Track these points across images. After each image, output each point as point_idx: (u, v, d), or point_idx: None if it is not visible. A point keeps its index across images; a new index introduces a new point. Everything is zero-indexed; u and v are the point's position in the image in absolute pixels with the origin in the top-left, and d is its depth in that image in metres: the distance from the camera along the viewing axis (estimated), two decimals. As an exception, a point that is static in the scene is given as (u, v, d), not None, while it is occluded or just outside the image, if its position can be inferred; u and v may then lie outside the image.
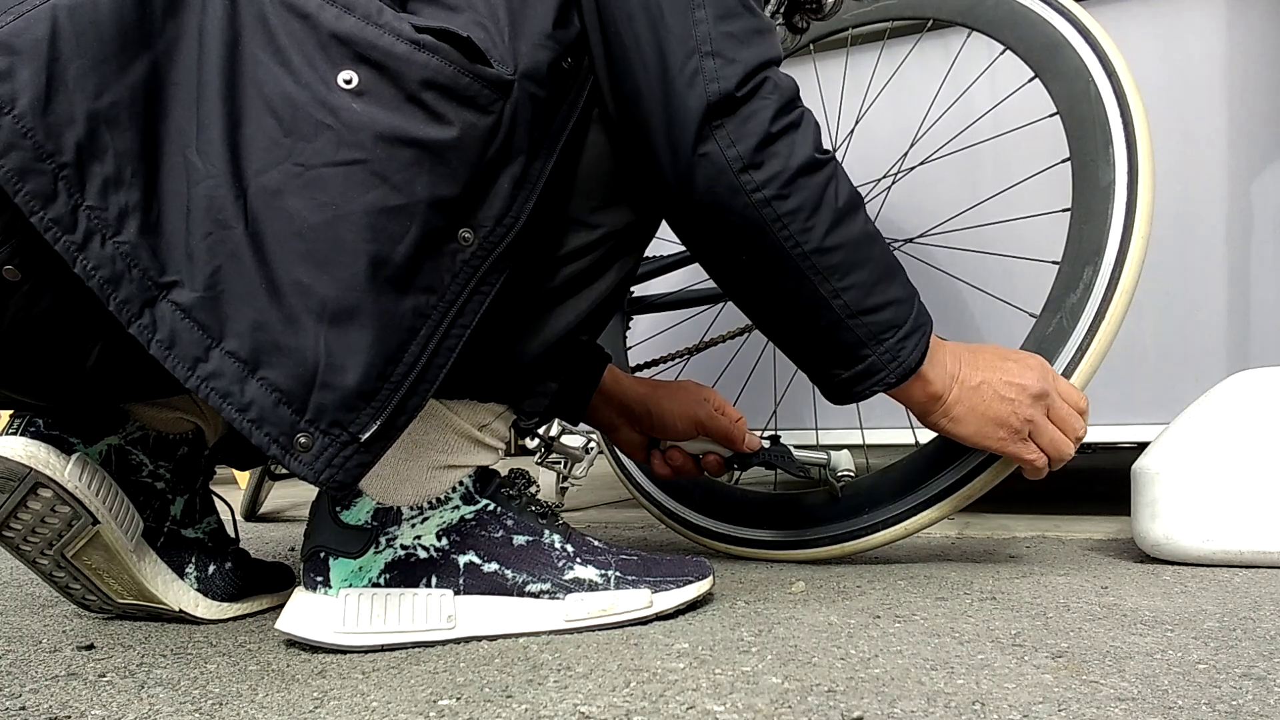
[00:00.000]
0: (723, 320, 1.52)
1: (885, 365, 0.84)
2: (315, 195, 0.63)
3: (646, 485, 1.27)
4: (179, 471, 0.84)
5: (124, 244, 0.62)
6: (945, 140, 1.42)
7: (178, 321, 0.62)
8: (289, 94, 0.65)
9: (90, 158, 0.62)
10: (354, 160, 0.64)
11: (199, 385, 0.62)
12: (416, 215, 0.65)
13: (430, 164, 0.65)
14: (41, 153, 0.60)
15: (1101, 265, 0.99)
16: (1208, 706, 0.53)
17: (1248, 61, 1.30)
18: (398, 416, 0.65)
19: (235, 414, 0.62)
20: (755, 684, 0.59)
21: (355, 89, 0.65)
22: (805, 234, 0.78)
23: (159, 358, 0.62)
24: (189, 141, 0.65)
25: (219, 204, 0.63)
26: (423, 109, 0.65)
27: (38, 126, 0.60)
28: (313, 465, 0.63)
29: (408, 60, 0.65)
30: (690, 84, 0.74)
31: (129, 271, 0.62)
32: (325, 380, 0.62)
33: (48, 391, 0.73)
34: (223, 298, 0.62)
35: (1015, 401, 0.89)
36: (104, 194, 0.62)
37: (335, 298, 0.63)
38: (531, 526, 0.79)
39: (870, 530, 1.01)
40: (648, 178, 0.78)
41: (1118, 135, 1.03)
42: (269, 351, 0.62)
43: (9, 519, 0.74)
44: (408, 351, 0.65)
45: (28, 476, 0.72)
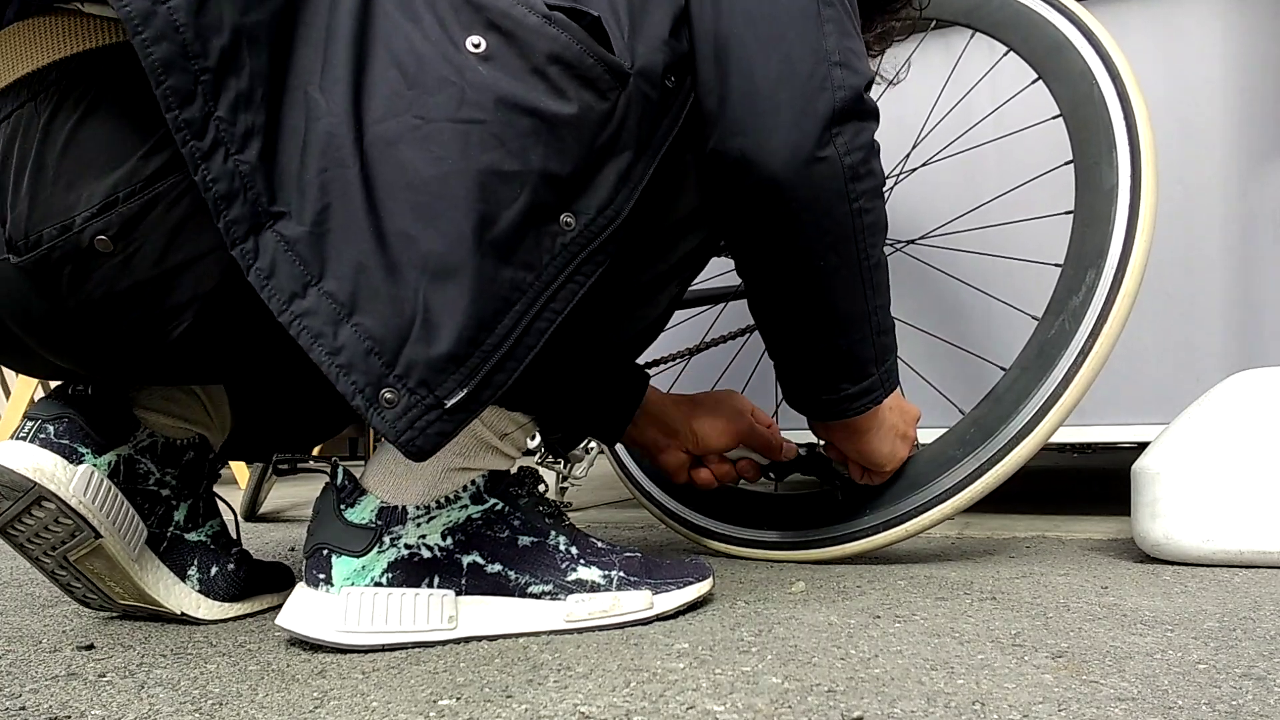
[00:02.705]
0: (723, 320, 1.52)
1: (881, 384, 0.92)
2: (431, 149, 0.63)
3: (646, 485, 1.27)
4: (184, 478, 0.84)
5: (244, 163, 0.62)
6: (948, 141, 1.42)
7: (280, 253, 0.62)
8: (416, 49, 0.65)
9: (229, 70, 0.62)
10: (473, 119, 0.64)
11: (292, 321, 0.61)
12: (527, 184, 0.65)
13: (546, 136, 0.66)
14: (189, 51, 0.60)
15: (1104, 268, 0.99)
16: (1208, 706, 0.53)
17: (1249, 62, 1.30)
18: (483, 389, 0.64)
19: (325, 357, 0.61)
20: (755, 684, 0.59)
21: (483, 53, 0.65)
22: (873, 248, 0.84)
23: (256, 285, 0.62)
24: (312, 79, 0.65)
25: (336, 143, 0.63)
26: (545, 82, 0.66)
27: (189, 24, 0.60)
28: (395, 424, 0.62)
29: (538, 32, 0.66)
30: (820, 88, 0.76)
31: (244, 192, 0.62)
32: (419, 335, 0.62)
33: (112, 365, 0.73)
34: (328, 236, 0.62)
35: (907, 415, 1.01)
36: (234, 109, 0.62)
37: (439, 253, 0.62)
38: (538, 527, 0.79)
39: (872, 531, 1.01)
40: (748, 185, 0.78)
41: (1121, 138, 1.03)
42: (368, 297, 0.62)
43: (13, 521, 0.73)
44: (501, 323, 0.64)
45: (31, 489, 0.71)
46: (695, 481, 1.07)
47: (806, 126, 0.76)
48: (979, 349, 1.38)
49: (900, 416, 1.01)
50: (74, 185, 0.64)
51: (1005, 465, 0.97)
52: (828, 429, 0.99)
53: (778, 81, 0.76)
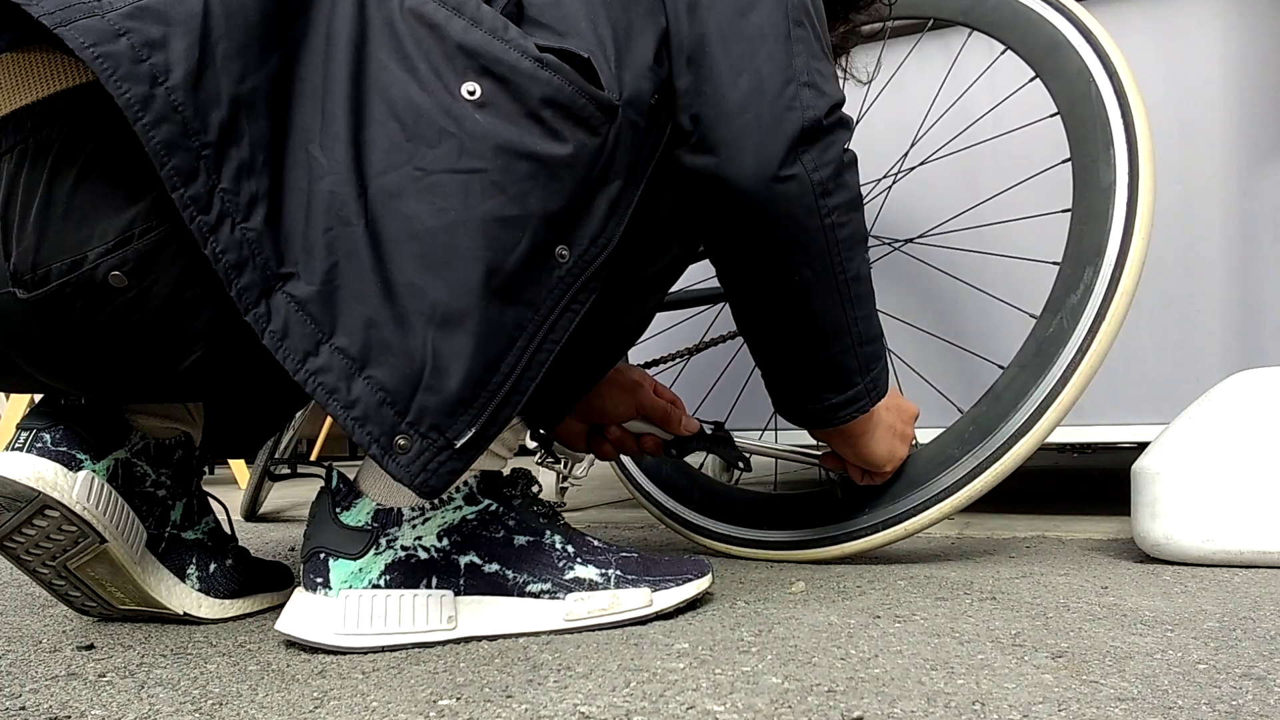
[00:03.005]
0: (723, 320, 1.52)
1: (867, 393, 0.92)
2: (434, 200, 0.64)
3: (646, 485, 1.27)
4: (177, 477, 0.84)
5: (251, 230, 0.62)
6: (946, 140, 1.42)
7: (292, 313, 0.63)
8: (413, 100, 0.66)
9: (230, 141, 0.62)
10: (474, 169, 0.65)
11: (307, 379, 0.63)
12: (529, 227, 0.66)
13: (544, 178, 0.67)
14: (189, 130, 0.61)
15: (1102, 266, 0.99)
16: (1208, 706, 0.53)
17: (1249, 62, 1.30)
18: (490, 426, 0.66)
19: (340, 411, 0.63)
20: (755, 684, 0.59)
21: (478, 100, 0.66)
22: (850, 261, 0.84)
23: (270, 348, 0.62)
24: (312, 137, 0.65)
25: (340, 200, 0.64)
26: (541, 125, 0.67)
27: (188, 102, 0.61)
28: (409, 468, 0.64)
29: (531, 77, 0.67)
30: (788, 108, 0.77)
31: (253, 259, 0.62)
32: (430, 383, 0.63)
33: (118, 393, 0.74)
34: (337, 294, 0.63)
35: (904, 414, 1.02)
36: (237, 179, 0.62)
37: (446, 302, 0.64)
38: (533, 527, 0.79)
39: (871, 530, 1.01)
40: (721, 201, 0.79)
41: (1119, 136, 1.03)
42: (379, 350, 0.63)
43: (12, 533, 0.73)
44: (504, 361, 0.66)
45: (35, 499, 0.71)
46: (596, 453, 1.06)
47: (774, 146, 0.77)
48: (977, 347, 1.38)
49: (897, 416, 1.01)
50: (86, 221, 0.64)
51: (1004, 464, 0.97)
52: (825, 434, 0.99)
53: (747, 100, 0.77)
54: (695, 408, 1.54)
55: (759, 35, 0.78)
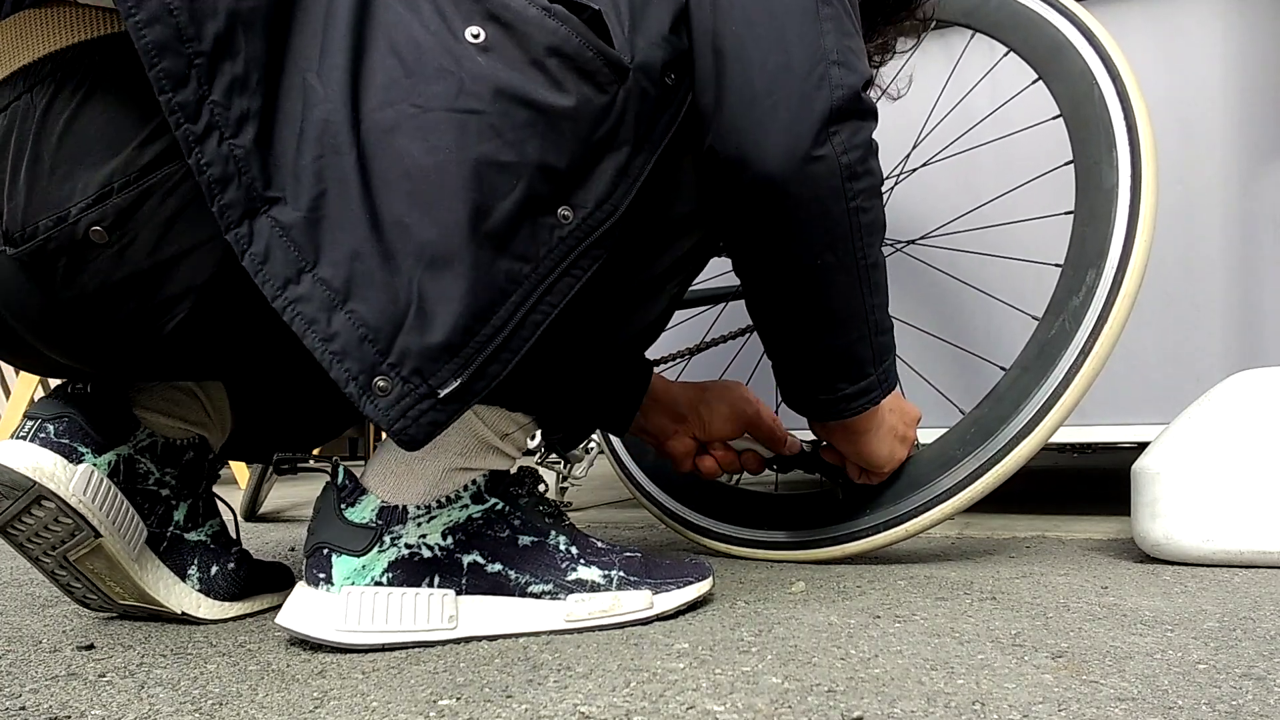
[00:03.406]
0: (723, 320, 1.52)
1: (879, 385, 0.92)
2: (428, 138, 0.64)
3: (647, 485, 1.27)
4: (184, 478, 0.84)
5: (239, 148, 0.62)
6: (948, 142, 1.42)
7: (275, 238, 0.62)
8: (415, 37, 0.65)
9: (223, 54, 0.62)
10: (471, 110, 0.64)
11: (286, 307, 0.61)
12: (523, 175, 0.65)
13: (543, 129, 0.66)
14: (183, 34, 0.60)
15: (1104, 268, 0.99)
16: (1208, 706, 0.53)
17: (1249, 62, 1.30)
18: (477, 380, 0.64)
19: (318, 343, 0.61)
20: (755, 684, 0.59)
21: (481, 44, 0.66)
22: (870, 248, 0.84)
23: (250, 270, 0.61)
24: (310, 65, 0.65)
25: (333, 129, 0.63)
26: (544, 74, 0.66)
27: (183, 8, 0.60)
28: (388, 412, 0.62)
29: (538, 24, 0.66)
30: (818, 87, 0.76)
31: (238, 177, 0.62)
32: (414, 323, 0.62)
33: (109, 360, 0.73)
34: (323, 223, 0.62)
35: (907, 416, 1.02)
36: (229, 93, 0.62)
37: (434, 242, 0.62)
38: (538, 527, 0.79)
39: (872, 531, 1.01)
40: (744, 183, 0.78)
41: (1121, 138, 1.03)
42: (362, 284, 0.62)
43: (13, 521, 0.73)
44: (496, 314, 0.64)
45: (31, 489, 0.71)
46: (700, 469, 1.07)
47: (803, 125, 0.76)
48: (979, 349, 1.38)
49: (900, 418, 1.01)
50: (69, 176, 0.64)
51: (1005, 465, 0.97)
52: (827, 429, 0.99)
53: (775, 79, 0.76)
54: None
55: (786, 13, 0.77)
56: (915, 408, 1.04)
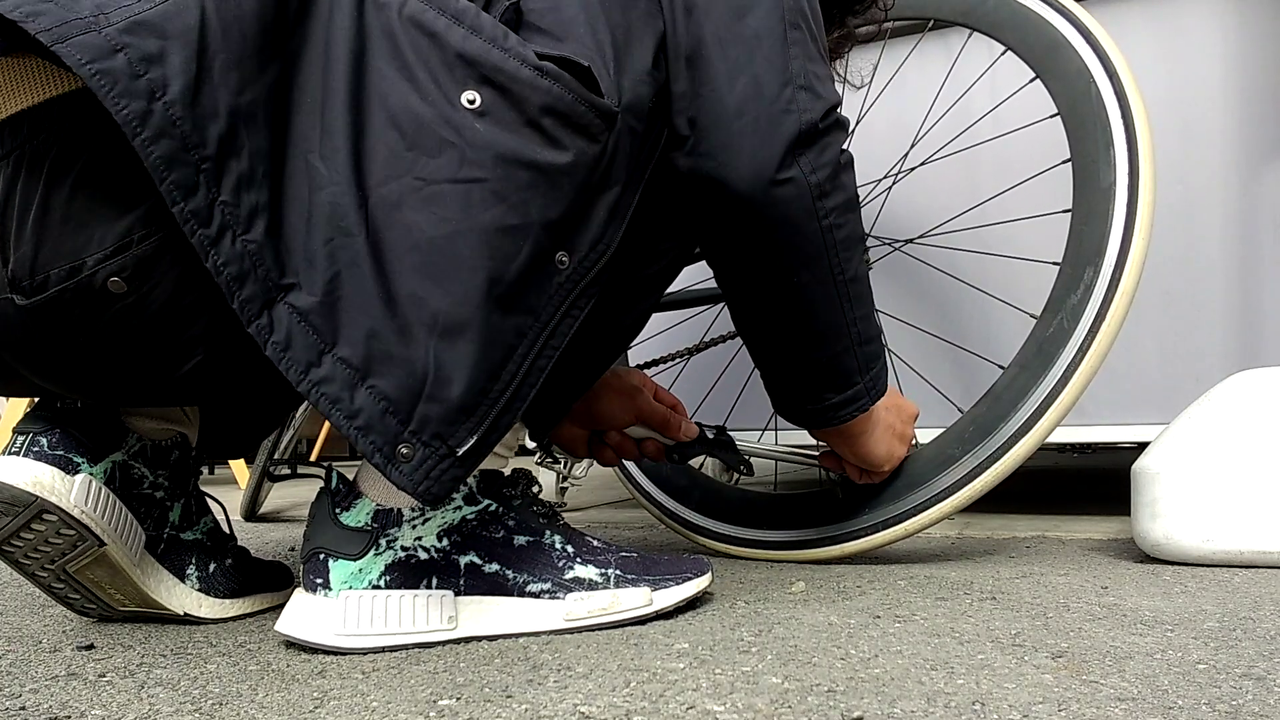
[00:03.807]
0: (723, 320, 1.52)
1: (867, 392, 0.92)
2: (435, 210, 0.64)
3: (646, 485, 1.27)
4: (174, 478, 0.84)
5: (252, 243, 0.62)
6: (946, 140, 1.42)
7: (294, 324, 0.63)
8: (413, 109, 0.66)
9: (229, 154, 0.62)
10: (475, 179, 0.65)
11: (310, 390, 0.63)
12: (530, 236, 0.66)
13: (544, 187, 0.67)
14: (188, 144, 0.61)
15: (1102, 266, 0.99)
16: (1208, 706, 0.52)
17: (1249, 62, 1.30)
18: (491, 433, 0.66)
19: (343, 420, 0.63)
20: (755, 684, 0.59)
21: (478, 109, 0.66)
22: (847, 262, 0.84)
23: (273, 359, 0.62)
24: (312, 147, 0.65)
25: (341, 211, 0.64)
26: (540, 133, 0.67)
27: (186, 116, 0.60)
28: (411, 476, 0.64)
29: (531, 85, 0.67)
30: (786, 111, 0.77)
31: (254, 271, 0.62)
32: (432, 392, 0.64)
33: (115, 396, 0.73)
34: (339, 304, 0.63)
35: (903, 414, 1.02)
36: (238, 191, 0.62)
37: (448, 311, 0.64)
38: (533, 527, 0.79)
39: (871, 530, 1.01)
40: (718, 204, 0.79)
41: (1119, 136, 1.03)
42: (381, 360, 0.63)
43: (11, 537, 0.73)
44: (505, 369, 0.66)
45: (33, 504, 0.71)
46: (597, 458, 1.06)
47: (771, 149, 0.77)
48: (977, 348, 1.38)
49: (897, 415, 1.01)
50: (84, 227, 0.63)
51: (1004, 464, 0.97)
52: (824, 434, 0.99)
53: (743, 103, 0.77)
54: (695, 408, 1.54)
55: (755, 38, 0.78)
56: (912, 404, 1.04)
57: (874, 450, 0.99)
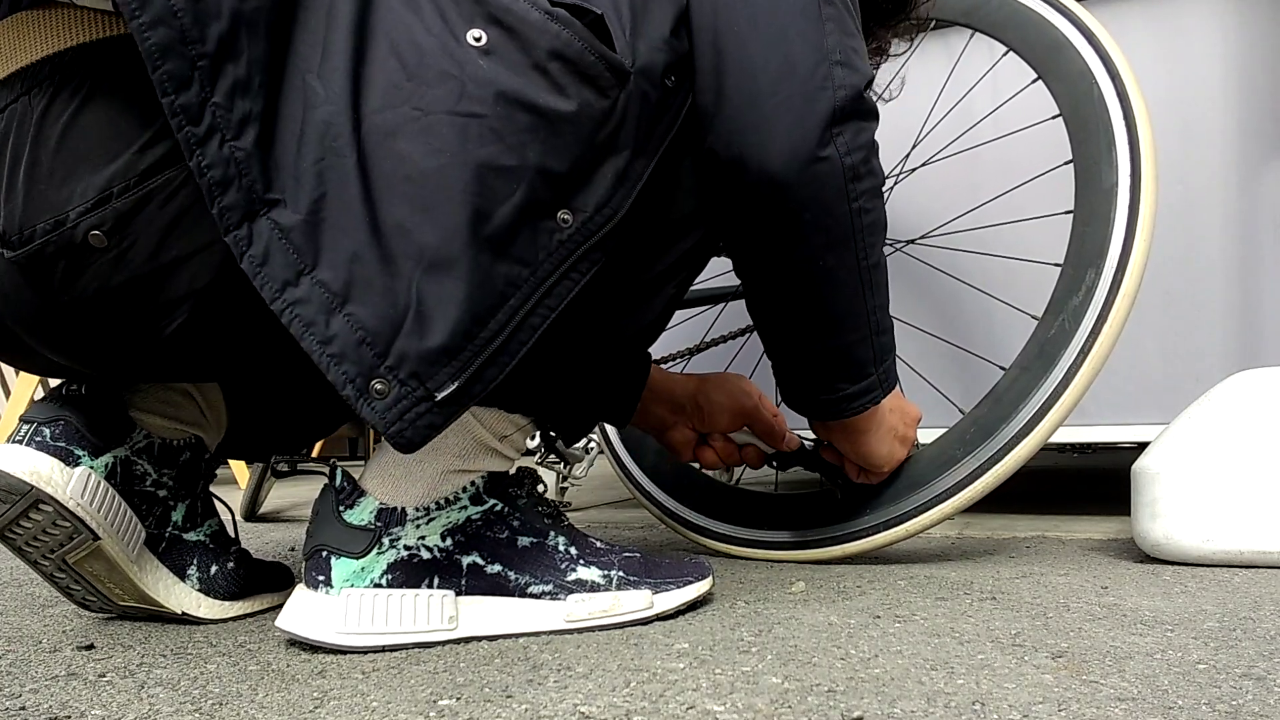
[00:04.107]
0: (723, 320, 1.52)
1: (880, 384, 0.92)
2: (429, 141, 0.63)
3: (647, 485, 1.27)
4: (181, 478, 0.84)
5: (240, 150, 0.61)
6: (947, 141, 1.42)
7: (274, 240, 0.62)
8: (417, 40, 0.65)
9: (227, 56, 0.61)
10: (472, 113, 0.64)
11: (284, 309, 0.61)
12: (524, 179, 0.65)
13: (544, 133, 0.66)
14: (186, 36, 0.60)
15: (1104, 268, 0.99)
16: (1208, 706, 0.53)
17: (1250, 61, 1.30)
18: (474, 383, 0.64)
19: (316, 345, 0.61)
20: (755, 684, 0.59)
21: (483, 47, 0.65)
22: (872, 248, 0.84)
23: (249, 273, 0.61)
24: (311, 67, 0.64)
25: (334, 132, 0.63)
26: (546, 78, 0.66)
27: (187, 9, 0.60)
28: (384, 415, 0.62)
29: (540, 28, 0.66)
30: (822, 87, 0.76)
31: (239, 179, 0.61)
32: (412, 327, 0.62)
33: (108, 362, 0.73)
34: (323, 225, 0.62)
35: (907, 416, 1.01)
36: (231, 95, 0.61)
37: (434, 245, 0.62)
38: (537, 528, 0.79)
39: (872, 531, 1.01)
40: (746, 184, 0.78)
41: (1120, 137, 1.03)
42: (361, 287, 0.62)
43: (11, 525, 0.73)
44: (494, 318, 0.64)
45: (29, 493, 0.71)
46: (700, 460, 1.07)
47: (808, 126, 0.76)
48: (979, 349, 1.38)
49: (900, 418, 1.01)
50: (67, 180, 0.64)
51: (1005, 465, 0.97)
52: (826, 429, 0.98)
53: (778, 80, 0.76)
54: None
55: (788, 13, 0.77)
56: (915, 407, 1.04)
57: (876, 449, 0.99)
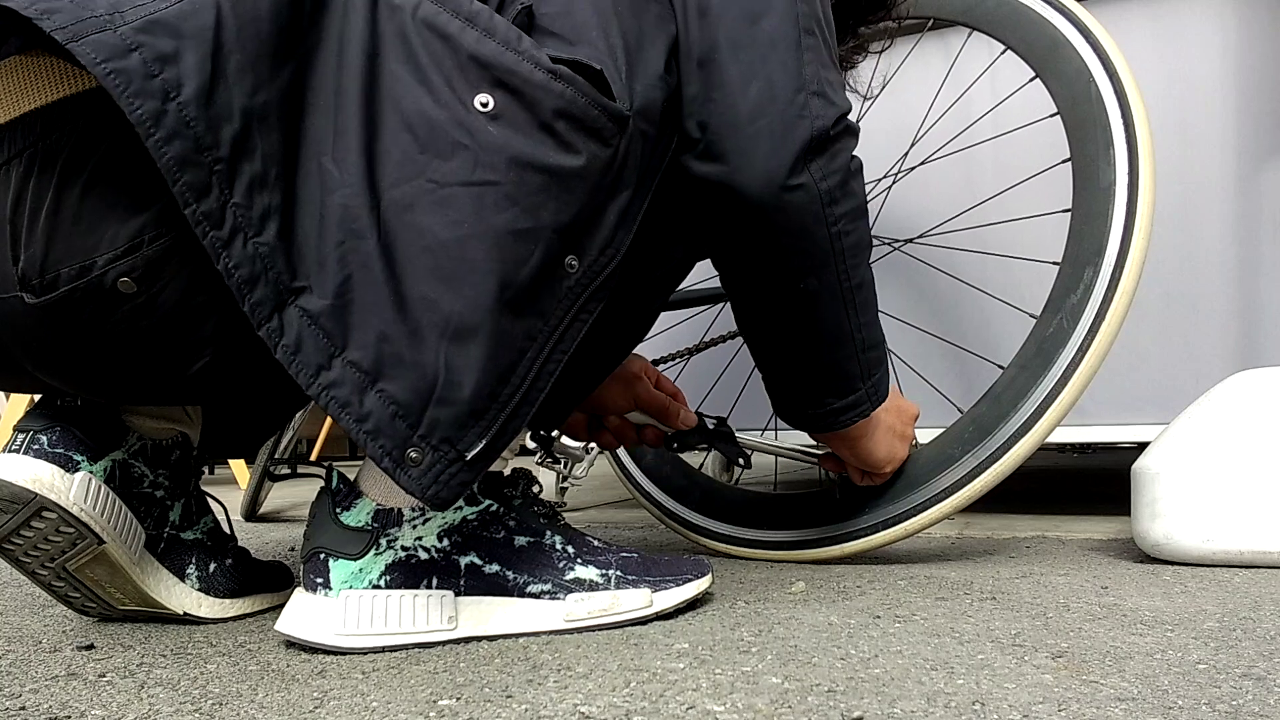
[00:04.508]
0: (723, 320, 1.52)
1: (869, 398, 0.93)
2: (447, 213, 0.64)
3: (646, 485, 1.27)
4: (175, 477, 0.84)
5: (263, 245, 0.62)
6: (946, 140, 1.42)
7: (305, 328, 0.63)
8: (426, 112, 0.66)
9: (241, 155, 0.62)
10: (488, 181, 0.65)
11: (320, 393, 0.62)
12: (541, 240, 0.66)
13: (556, 190, 0.67)
14: (201, 145, 0.60)
15: (1102, 266, 0.99)
16: (1208, 706, 0.53)
17: (1249, 60, 1.30)
18: (500, 437, 0.66)
19: (352, 424, 0.63)
20: (755, 684, 0.59)
21: (491, 112, 0.66)
22: (855, 269, 0.84)
23: (284, 362, 0.62)
24: (325, 149, 0.65)
25: (353, 214, 0.64)
26: (553, 137, 0.67)
27: (200, 117, 0.60)
28: (420, 480, 0.64)
29: (544, 88, 0.66)
30: (799, 117, 0.77)
31: (266, 273, 0.62)
32: (442, 395, 0.63)
33: (123, 395, 0.73)
34: (350, 307, 0.63)
35: (904, 414, 1.02)
36: (250, 193, 0.62)
37: (459, 314, 0.64)
38: (533, 527, 0.79)
39: (871, 530, 1.01)
40: (728, 208, 0.79)
41: (1119, 136, 1.03)
42: (391, 364, 0.63)
43: (10, 535, 0.73)
44: (515, 373, 0.66)
45: (32, 501, 0.71)
46: (597, 443, 1.07)
47: (783, 154, 0.77)
48: (977, 348, 1.38)
49: (897, 416, 1.01)
50: (95, 227, 0.63)
51: (1004, 464, 0.97)
52: (824, 437, 0.99)
53: (757, 109, 0.77)
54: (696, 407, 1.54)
55: (770, 43, 0.78)
56: (913, 405, 1.04)
57: (875, 452, 0.99)
